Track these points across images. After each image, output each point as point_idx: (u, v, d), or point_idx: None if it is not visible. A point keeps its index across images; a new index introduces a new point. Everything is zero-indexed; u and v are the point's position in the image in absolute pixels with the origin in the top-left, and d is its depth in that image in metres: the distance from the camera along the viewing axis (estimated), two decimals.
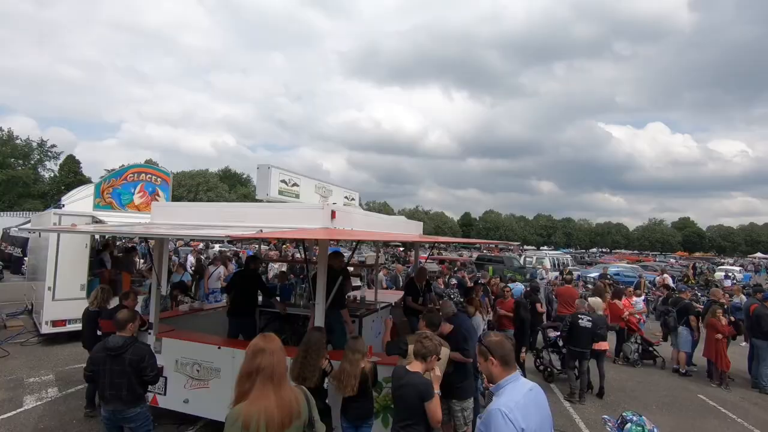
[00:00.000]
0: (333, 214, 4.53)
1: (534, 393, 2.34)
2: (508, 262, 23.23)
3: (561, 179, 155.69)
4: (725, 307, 8.95)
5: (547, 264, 23.34)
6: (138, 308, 5.76)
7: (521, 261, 25.12)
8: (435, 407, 3.22)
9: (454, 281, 12.70)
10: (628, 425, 2.48)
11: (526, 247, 70.12)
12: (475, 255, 32.87)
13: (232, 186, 67.14)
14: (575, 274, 21.11)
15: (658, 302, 10.28)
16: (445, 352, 4.38)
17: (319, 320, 4.74)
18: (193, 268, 13.19)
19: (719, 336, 8.08)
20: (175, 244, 17.27)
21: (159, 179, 10.96)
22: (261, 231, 3.93)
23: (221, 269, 10.76)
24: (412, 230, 7.09)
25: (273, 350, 2.29)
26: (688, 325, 8.68)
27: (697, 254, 73.46)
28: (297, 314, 6.57)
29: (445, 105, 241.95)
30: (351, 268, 14.93)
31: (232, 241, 3.75)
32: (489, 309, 8.32)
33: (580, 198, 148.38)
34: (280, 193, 5.85)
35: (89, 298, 6.00)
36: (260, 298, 6.71)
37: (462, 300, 7.66)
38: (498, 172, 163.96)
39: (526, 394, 2.28)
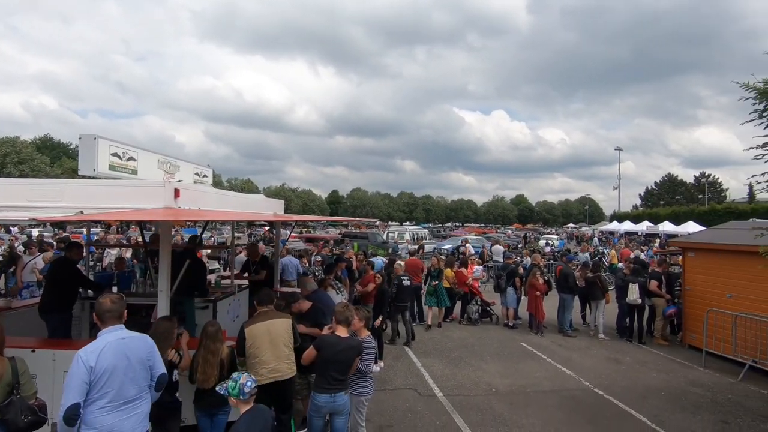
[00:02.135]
0: (177, 192, 4.11)
1: (126, 341, 2.94)
2: (372, 238, 24.28)
3: (422, 159, 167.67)
4: (542, 269, 10.79)
5: (408, 238, 25.15)
6: None
7: (384, 236, 26.50)
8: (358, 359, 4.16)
9: (319, 258, 12.81)
10: (227, 383, 3.15)
11: (390, 223, 74.10)
12: (342, 232, 33.55)
13: (55, 158, 56.07)
14: (431, 246, 23.12)
15: None
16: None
17: (163, 309, 4.33)
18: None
19: (538, 293, 9.78)
20: None
21: None
22: (81, 212, 3.37)
23: (39, 258, 9.01)
24: (273, 209, 6.87)
25: None
26: (514, 285, 10.27)
27: (528, 226, 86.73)
28: (140, 304, 5.88)
29: (312, 80, 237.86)
30: (209, 251, 13.92)
31: (57, 224, 3.17)
32: (348, 283, 8.59)
33: (439, 177, 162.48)
34: (112, 168, 5.06)
35: None
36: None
37: (323, 277, 7.77)
38: (365, 151, 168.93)
39: (113, 342, 2.87)
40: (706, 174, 69.49)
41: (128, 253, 12.12)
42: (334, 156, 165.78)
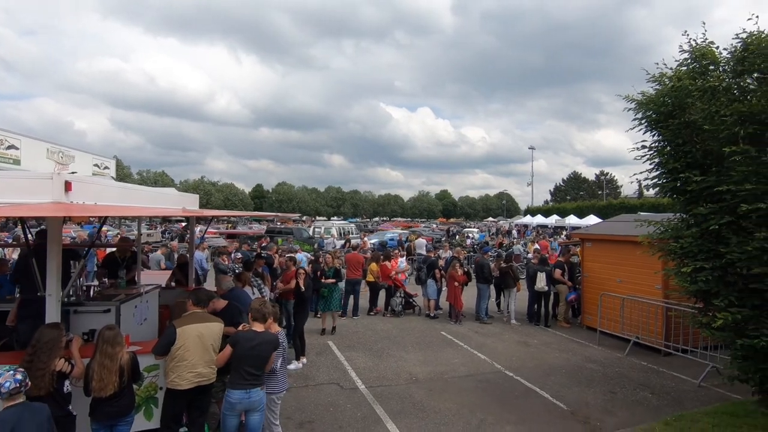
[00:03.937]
0: (68, 185, 3.71)
1: None
2: (297, 233, 23.81)
3: (350, 153, 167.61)
4: (461, 261, 11.34)
5: (335, 233, 25.00)
6: None
7: (310, 231, 26.12)
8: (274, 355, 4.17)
9: (239, 255, 12.31)
10: None
11: (318, 217, 73.20)
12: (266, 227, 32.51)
13: None
14: (357, 241, 23.21)
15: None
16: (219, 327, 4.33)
17: (52, 315, 3.90)
18: None
19: (456, 284, 10.27)
20: None
21: None
22: None
23: None
24: (183, 203, 6.47)
25: None
26: (434, 277, 10.68)
27: (451, 220, 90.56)
28: None
29: (234, 68, 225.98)
30: (113, 249, 12.76)
31: None
32: (270, 280, 8.38)
33: (366, 172, 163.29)
34: None
35: None
36: None
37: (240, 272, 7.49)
38: (291, 144, 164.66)
39: None
40: (605, 172, 78.42)
41: (15, 254, 10.73)
42: (258, 148, 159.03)
